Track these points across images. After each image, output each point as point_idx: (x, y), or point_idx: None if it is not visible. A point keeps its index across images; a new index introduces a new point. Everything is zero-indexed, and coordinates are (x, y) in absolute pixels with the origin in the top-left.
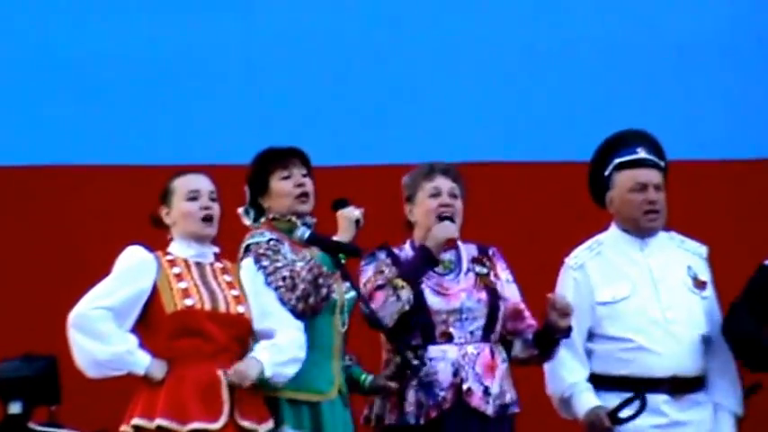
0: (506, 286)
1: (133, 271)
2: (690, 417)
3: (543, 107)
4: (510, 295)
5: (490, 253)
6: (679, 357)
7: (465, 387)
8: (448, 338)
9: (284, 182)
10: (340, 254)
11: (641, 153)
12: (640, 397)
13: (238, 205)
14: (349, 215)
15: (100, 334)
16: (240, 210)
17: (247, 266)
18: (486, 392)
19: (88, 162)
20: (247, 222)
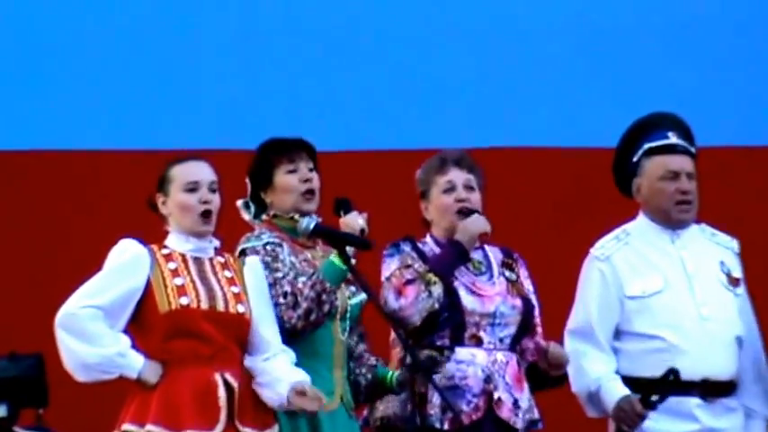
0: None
1: (126, 267)
2: (724, 424)
3: (563, 90)
4: None
5: (515, 257)
6: (713, 359)
7: (496, 396)
8: (477, 342)
9: (290, 176)
10: (348, 246)
11: (673, 138)
12: (674, 372)
13: (242, 194)
14: (352, 224)
15: (89, 335)
16: (239, 203)
17: (254, 264)
18: (515, 405)
19: (78, 147)
20: (247, 217)
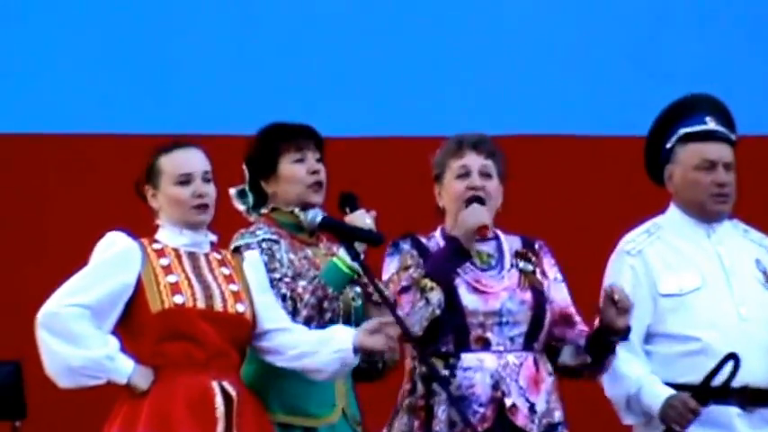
0: (554, 286)
1: (114, 262)
2: None
3: (591, 76)
4: (558, 297)
5: (536, 247)
6: (753, 363)
7: (508, 403)
8: (484, 345)
9: (296, 166)
10: (358, 242)
11: (711, 124)
12: (733, 356)
13: (238, 183)
14: (359, 223)
15: (74, 336)
16: (233, 191)
17: (254, 259)
18: (531, 410)
19: (65, 130)
20: (241, 208)
